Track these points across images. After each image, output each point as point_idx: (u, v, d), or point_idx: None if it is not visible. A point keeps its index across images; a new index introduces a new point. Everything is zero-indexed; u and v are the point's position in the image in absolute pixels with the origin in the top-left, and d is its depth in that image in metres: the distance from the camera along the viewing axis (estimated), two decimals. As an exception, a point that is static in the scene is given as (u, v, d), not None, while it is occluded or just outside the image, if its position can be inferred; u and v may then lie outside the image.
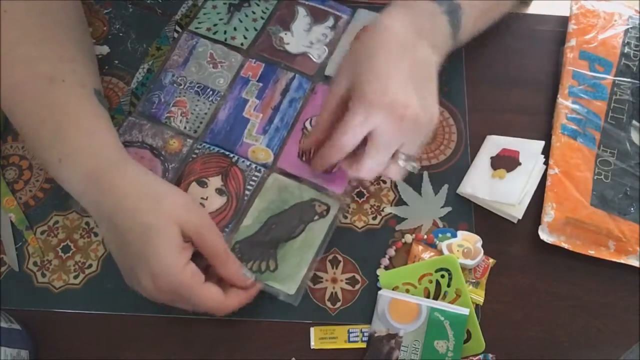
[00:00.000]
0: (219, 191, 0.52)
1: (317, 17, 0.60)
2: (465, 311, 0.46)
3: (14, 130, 0.56)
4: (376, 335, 0.47)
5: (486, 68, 0.59)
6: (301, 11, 0.60)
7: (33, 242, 0.51)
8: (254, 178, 0.52)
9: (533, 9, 0.62)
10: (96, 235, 0.52)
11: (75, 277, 0.50)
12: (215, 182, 0.52)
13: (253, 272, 0.48)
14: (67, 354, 0.48)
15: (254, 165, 0.53)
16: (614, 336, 0.48)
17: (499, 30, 0.61)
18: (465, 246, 0.49)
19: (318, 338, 0.48)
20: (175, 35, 0.60)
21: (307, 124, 0.55)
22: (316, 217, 0.51)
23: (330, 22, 0.60)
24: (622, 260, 0.49)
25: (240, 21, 0.60)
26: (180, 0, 0.62)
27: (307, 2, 0.61)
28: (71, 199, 0.46)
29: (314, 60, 0.58)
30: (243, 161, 0.53)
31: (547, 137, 0.54)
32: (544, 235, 0.50)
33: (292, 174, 0.53)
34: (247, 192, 0.52)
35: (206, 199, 0.51)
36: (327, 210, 0.51)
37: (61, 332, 0.48)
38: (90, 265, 0.50)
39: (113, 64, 0.59)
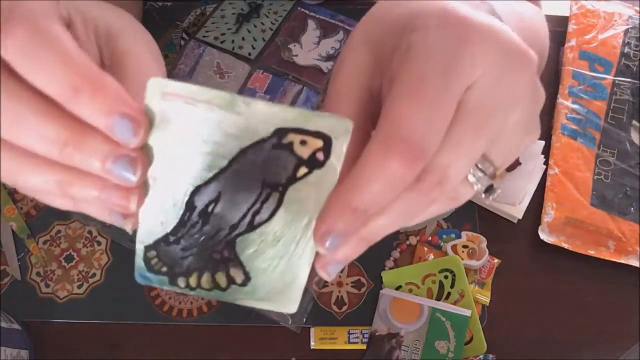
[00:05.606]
0: None
1: (327, 30, 0.59)
2: (467, 312, 0.46)
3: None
4: (377, 334, 0.47)
5: (486, 68, 0.59)
6: (311, 24, 0.59)
7: (35, 250, 0.51)
8: None
9: (533, 7, 0.62)
10: (99, 244, 0.51)
11: (80, 287, 0.50)
12: None
13: (207, 290, 0.26)
14: (67, 354, 0.48)
15: None
16: (614, 336, 0.48)
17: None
18: (470, 247, 0.49)
19: (318, 338, 0.48)
20: (182, 42, 0.59)
21: None
22: (302, 171, 0.23)
23: (340, 35, 0.59)
24: (622, 260, 0.49)
25: (249, 31, 0.59)
26: (178, 6, 0.61)
27: (317, 16, 0.60)
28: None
29: (324, 73, 0.57)
30: None
31: (547, 137, 0.54)
32: (544, 235, 0.50)
33: None
34: None
35: None
36: (328, 149, 0.22)
37: (61, 335, 0.48)
38: (94, 275, 0.50)
39: (111, 70, 0.58)
